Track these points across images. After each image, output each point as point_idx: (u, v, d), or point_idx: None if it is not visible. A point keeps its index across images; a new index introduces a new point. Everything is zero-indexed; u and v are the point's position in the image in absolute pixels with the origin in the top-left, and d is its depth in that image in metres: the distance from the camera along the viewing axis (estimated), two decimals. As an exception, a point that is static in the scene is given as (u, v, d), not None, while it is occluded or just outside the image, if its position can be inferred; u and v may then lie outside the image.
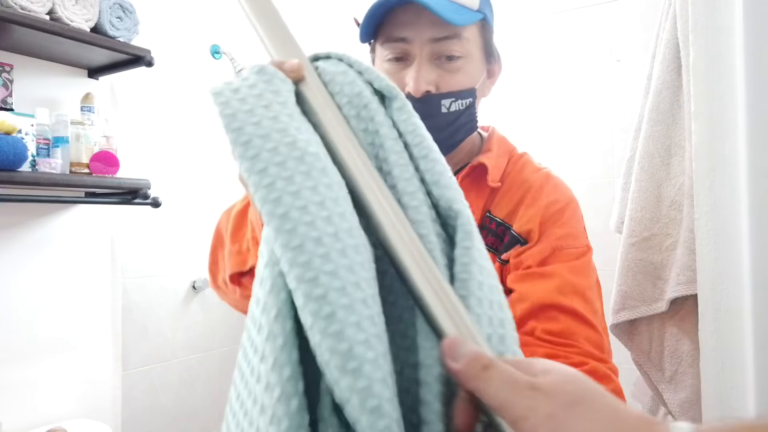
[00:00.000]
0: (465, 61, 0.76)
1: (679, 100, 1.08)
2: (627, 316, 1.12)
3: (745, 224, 0.62)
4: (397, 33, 0.75)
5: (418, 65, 0.74)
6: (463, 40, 0.74)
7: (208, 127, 2.30)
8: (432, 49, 0.74)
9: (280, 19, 0.53)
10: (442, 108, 0.75)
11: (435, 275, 0.38)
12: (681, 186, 1.07)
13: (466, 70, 0.77)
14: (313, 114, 0.45)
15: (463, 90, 0.76)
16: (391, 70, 0.77)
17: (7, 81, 1.54)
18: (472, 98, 0.79)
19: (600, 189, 1.96)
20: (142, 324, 1.99)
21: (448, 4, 0.72)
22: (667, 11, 1.11)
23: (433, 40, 0.73)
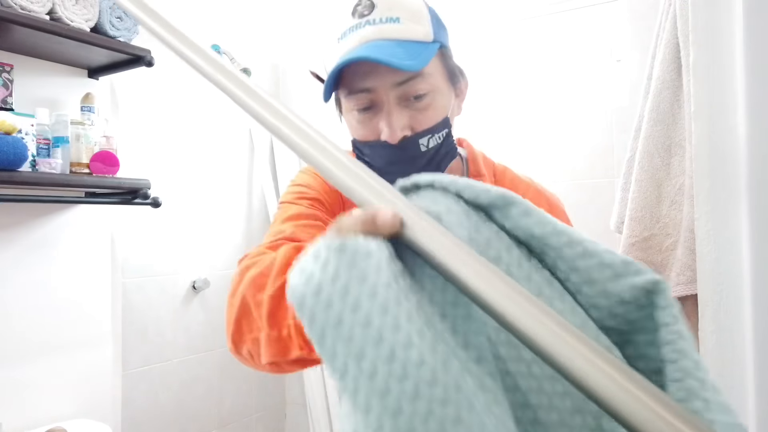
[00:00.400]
0: (432, 95, 0.76)
1: (680, 100, 1.08)
2: (627, 317, 1.12)
3: (745, 224, 0.62)
4: (359, 84, 0.74)
5: (388, 112, 0.74)
6: (426, 76, 0.74)
7: (208, 127, 2.30)
8: (397, 93, 0.73)
9: (354, 161, 0.46)
10: (421, 147, 0.76)
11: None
12: (681, 186, 1.07)
13: (435, 104, 0.76)
14: (432, 257, 0.38)
15: (437, 124, 0.77)
16: (361, 120, 0.77)
17: (7, 81, 1.54)
18: (447, 128, 0.79)
19: (600, 189, 1.96)
20: (142, 324, 1.99)
21: (401, 50, 0.71)
22: (667, 11, 1.11)
23: (397, 84, 0.73)
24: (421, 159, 0.77)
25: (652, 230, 1.11)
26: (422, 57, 0.73)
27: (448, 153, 0.81)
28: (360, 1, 0.76)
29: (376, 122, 0.75)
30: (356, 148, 0.82)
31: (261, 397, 2.49)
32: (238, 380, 2.38)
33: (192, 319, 2.18)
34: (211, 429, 2.24)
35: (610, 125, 1.95)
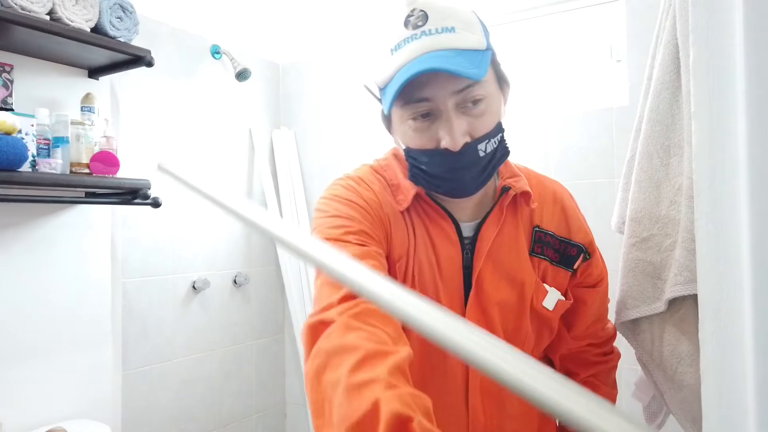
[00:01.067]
0: (488, 101, 0.77)
1: (679, 101, 1.08)
2: (629, 316, 1.12)
3: (745, 224, 0.62)
4: (417, 94, 0.75)
5: (448, 120, 0.75)
6: (483, 83, 0.76)
7: (208, 127, 2.30)
8: (456, 101, 0.75)
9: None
10: (479, 153, 0.78)
11: None
12: (680, 186, 1.07)
13: (491, 109, 0.79)
14: None
15: (493, 129, 0.79)
16: (420, 128, 0.78)
17: (7, 81, 1.54)
18: (501, 132, 0.82)
19: (600, 189, 1.96)
20: (142, 324, 1.99)
21: (461, 58, 0.73)
22: (667, 11, 1.11)
23: (456, 92, 0.74)
24: (480, 163, 0.79)
25: (651, 230, 1.11)
26: (483, 65, 0.74)
27: (502, 156, 0.84)
28: (412, 12, 0.75)
29: (435, 130, 0.77)
30: (411, 156, 0.82)
31: (261, 397, 2.49)
32: (238, 380, 2.38)
33: (192, 319, 2.18)
34: (211, 429, 2.24)
35: (610, 125, 1.95)
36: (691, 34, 0.73)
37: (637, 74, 1.89)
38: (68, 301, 1.72)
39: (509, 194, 0.87)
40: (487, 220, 0.87)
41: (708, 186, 0.70)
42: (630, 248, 1.13)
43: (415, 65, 0.72)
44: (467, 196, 0.83)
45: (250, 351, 2.44)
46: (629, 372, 1.89)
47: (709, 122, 0.70)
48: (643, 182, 1.11)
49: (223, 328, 2.31)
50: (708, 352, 0.71)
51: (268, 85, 2.63)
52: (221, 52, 2.34)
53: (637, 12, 1.91)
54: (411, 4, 0.75)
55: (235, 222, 2.40)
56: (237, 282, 2.37)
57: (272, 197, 2.52)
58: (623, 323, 1.15)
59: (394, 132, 0.85)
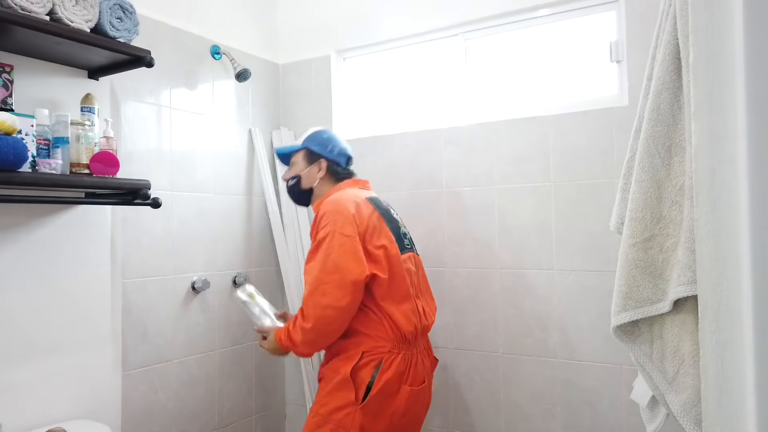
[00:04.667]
0: (294, 164, 1.94)
1: (680, 101, 1.08)
2: (628, 318, 1.12)
3: (745, 224, 0.62)
4: None
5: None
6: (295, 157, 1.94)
7: (207, 127, 2.30)
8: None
9: None
10: (288, 184, 1.95)
11: None
12: (681, 186, 1.07)
13: (294, 168, 1.93)
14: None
15: (292, 175, 1.93)
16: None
17: (7, 81, 1.54)
18: (297, 178, 1.91)
19: (600, 190, 1.96)
20: (142, 324, 1.99)
21: (282, 148, 2.00)
22: (667, 11, 1.11)
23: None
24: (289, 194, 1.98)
25: (653, 230, 1.11)
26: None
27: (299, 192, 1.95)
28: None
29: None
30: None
31: (261, 397, 2.49)
32: (238, 380, 2.38)
33: (192, 320, 2.18)
34: (211, 429, 2.24)
35: (610, 125, 1.95)
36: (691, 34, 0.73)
37: (637, 74, 1.89)
38: (68, 302, 1.72)
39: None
40: None
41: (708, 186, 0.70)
42: (630, 248, 1.13)
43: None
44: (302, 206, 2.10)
45: (250, 351, 2.44)
46: (630, 372, 1.89)
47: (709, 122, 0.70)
48: (644, 182, 1.11)
49: (223, 328, 2.31)
50: (708, 352, 0.71)
51: (268, 85, 2.63)
52: (221, 52, 2.34)
53: (637, 12, 1.91)
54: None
55: (235, 220, 2.40)
56: (237, 282, 2.37)
57: (272, 197, 2.52)
58: (620, 326, 1.15)
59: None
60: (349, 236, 1.63)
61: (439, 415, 2.26)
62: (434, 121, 2.34)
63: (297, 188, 1.90)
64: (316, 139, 1.90)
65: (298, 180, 1.89)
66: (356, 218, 1.67)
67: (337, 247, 1.62)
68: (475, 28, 2.26)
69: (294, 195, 1.93)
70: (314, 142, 1.89)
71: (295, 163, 1.91)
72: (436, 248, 2.27)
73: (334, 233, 1.64)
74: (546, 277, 2.06)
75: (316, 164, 1.87)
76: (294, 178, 1.90)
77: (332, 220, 1.66)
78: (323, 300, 1.60)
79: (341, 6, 2.55)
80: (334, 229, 1.64)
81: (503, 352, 2.14)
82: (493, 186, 2.16)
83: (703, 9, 0.68)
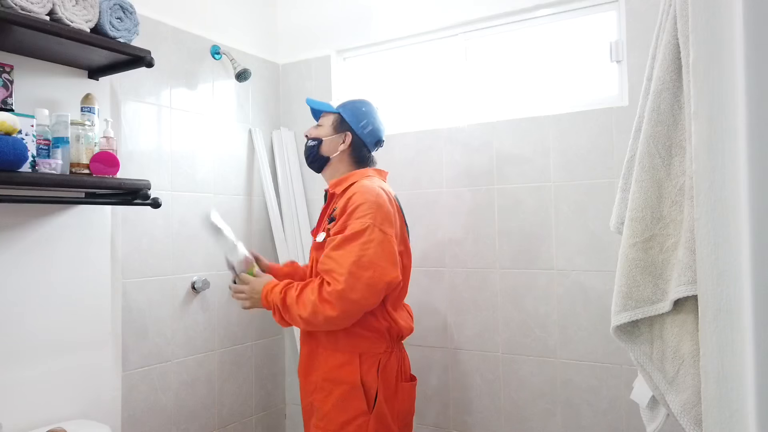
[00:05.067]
0: (320, 126, 1.80)
1: (680, 101, 1.08)
2: (628, 318, 1.12)
3: (745, 224, 0.62)
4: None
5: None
6: (324, 118, 1.81)
7: (207, 127, 2.30)
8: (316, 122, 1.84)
9: None
10: (307, 143, 1.81)
11: None
12: (681, 186, 1.07)
13: (320, 130, 1.79)
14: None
15: (314, 137, 1.79)
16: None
17: (7, 81, 1.54)
18: (316, 142, 1.77)
19: (600, 189, 1.96)
20: (142, 324, 1.99)
21: (315, 103, 1.84)
22: (667, 11, 1.11)
23: (320, 117, 1.83)
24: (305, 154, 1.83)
25: (653, 230, 1.10)
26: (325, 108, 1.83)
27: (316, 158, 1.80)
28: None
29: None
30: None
31: (261, 397, 2.49)
32: (238, 380, 2.38)
33: (192, 319, 2.18)
34: (211, 429, 2.24)
35: (610, 125, 1.95)
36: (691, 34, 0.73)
37: (637, 74, 1.89)
38: (68, 302, 1.72)
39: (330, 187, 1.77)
40: (328, 197, 1.78)
41: (708, 186, 0.70)
42: (630, 248, 1.13)
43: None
44: (313, 170, 1.85)
45: (250, 351, 2.44)
46: (630, 372, 1.89)
47: (709, 122, 0.70)
48: (645, 182, 1.11)
49: (223, 328, 2.31)
50: (708, 352, 0.71)
51: (268, 85, 2.63)
52: (221, 53, 2.34)
53: (637, 12, 1.91)
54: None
55: (235, 220, 2.40)
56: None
57: (272, 197, 2.52)
58: (620, 326, 1.15)
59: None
60: (388, 235, 1.54)
61: (439, 415, 2.26)
62: (434, 121, 2.34)
63: (315, 152, 1.75)
64: (352, 109, 1.75)
65: (318, 143, 1.74)
66: (394, 217, 1.60)
67: (375, 244, 1.51)
68: (476, 28, 2.26)
69: (309, 155, 1.78)
70: (350, 111, 1.75)
71: (322, 126, 1.76)
72: (436, 248, 2.27)
73: (374, 228, 1.52)
74: (546, 277, 2.06)
75: (342, 134, 1.73)
76: (315, 140, 1.76)
77: (373, 212, 1.54)
78: (352, 295, 1.47)
79: (341, 6, 2.55)
80: (374, 224, 1.53)
81: (503, 352, 2.14)
82: (493, 186, 2.16)
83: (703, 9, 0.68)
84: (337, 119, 1.75)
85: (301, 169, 2.63)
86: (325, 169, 1.77)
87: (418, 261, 2.29)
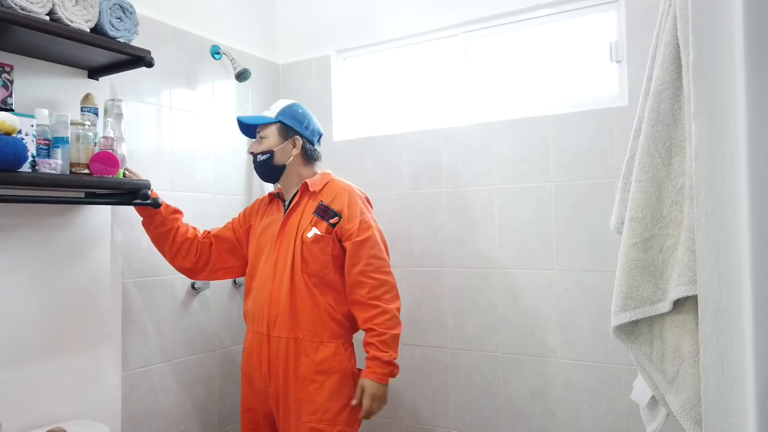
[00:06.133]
0: (265, 138, 1.84)
1: (680, 101, 1.08)
2: (628, 318, 1.12)
3: (745, 224, 0.62)
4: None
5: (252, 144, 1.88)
6: (266, 130, 1.84)
7: (207, 127, 2.30)
8: (257, 137, 1.88)
9: None
10: (257, 158, 1.83)
11: None
12: (681, 186, 1.07)
13: (266, 142, 1.83)
14: None
15: (263, 150, 1.82)
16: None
17: (7, 81, 1.54)
18: (269, 153, 1.81)
19: (600, 190, 1.96)
20: (142, 324, 1.99)
21: (248, 118, 1.89)
22: (667, 11, 1.11)
23: (257, 132, 1.87)
24: (257, 167, 1.86)
25: (653, 231, 1.10)
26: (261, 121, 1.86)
27: (270, 167, 1.84)
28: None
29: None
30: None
31: (261, 397, 2.49)
32: (238, 380, 2.37)
33: (192, 319, 2.18)
34: (211, 429, 2.24)
35: (610, 125, 1.95)
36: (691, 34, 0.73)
37: (637, 74, 1.89)
38: (68, 302, 1.72)
39: (302, 186, 1.81)
40: (293, 198, 1.82)
41: (708, 186, 0.70)
42: (630, 248, 1.13)
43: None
44: (268, 182, 2.03)
45: (250, 351, 2.44)
46: (630, 372, 1.89)
47: (709, 122, 0.70)
48: (645, 182, 1.11)
49: (223, 328, 2.31)
50: (708, 352, 0.71)
51: (268, 85, 2.63)
52: (221, 53, 2.34)
53: (637, 12, 1.91)
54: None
55: (235, 222, 2.40)
56: (237, 282, 2.37)
57: (272, 197, 2.52)
58: (620, 326, 1.15)
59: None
60: (379, 231, 1.80)
61: (439, 415, 2.26)
62: (434, 121, 2.34)
63: (270, 164, 1.80)
64: (291, 114, 1.82)
65: (270, 155, 1.79)
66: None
67: (379, 237, 1.77)
68: (475, 28, 2.26)
69: (265, 170, 1.82)
70: (289, 116, 1.81)
71: (267, 137, 1.81)
72: (436, 248, 2.27)
73: (372, 223, 1.77)
74: (546, 277, 2.06)
75: (290, 140, 1.81)
76: (266, 154, 1.80)
77: (366, 209, 1.79)
78: (393, 280, 1.75)
79: (341, 6, 2.55)
80: (370, 219, 1.77)
81: (503, 352, 2.14)
82: (493, 186, 2.16)
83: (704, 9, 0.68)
84: (280, 128, 1.81)
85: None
86: (282, 177, 1.84)
87: (418, 261, 2.29)
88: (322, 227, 1.73)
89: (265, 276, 1.78)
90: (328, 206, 1.75)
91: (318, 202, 1.77)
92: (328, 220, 1.73)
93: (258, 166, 1.83)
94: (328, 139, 2.50)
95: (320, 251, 1.72)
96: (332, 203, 1.76)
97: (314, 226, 1.73)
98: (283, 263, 1.75)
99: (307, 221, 1.75)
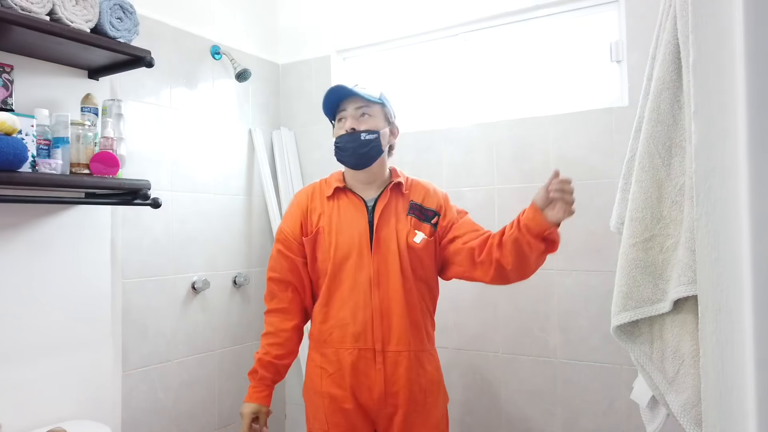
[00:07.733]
0: (371, 117, 1.58)
1: (680, 101, 1.08)
2: (628, 318, 1.12)
3: (745, 224, 0.62)
4: (340, 112, 1.61)
5: (350, 119, 1.58)
6: (371, 108, 1.59)
7: (208, 127, 2.30)
8: (355, 113, 1.58)
9: None
10: (362, 136, 1.55)
11: None
12: (681, 186, 1.07)
13: (373, 121, 1.58)
14: None
15: (370, 129, 1.56)
16: (337, 125, 1.61)
17: (7, 81, 1.54)
18: (377, 134, 1.56)
19: (600, 189, 1.95)
20: (142, 324, 1.99)
21: (361, 91, 1.59)
22: (667, 11, 1.11)
23: (357, 108, 1.59)
24: (360, 142, 1.56)
25: (653, 231, 1.10)
26: (372, 99, 1.60)
27: (377, 149, 1.57)
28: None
29: (342, 125, 1.60)
30: (334, 141, 1.62)
31: (261, 397, 2.49)
32: (238, 380, 2.37)
33: (192, 320, 2.18)
34: (211, 429, 2.24)
35: (610, 125, 1.95)
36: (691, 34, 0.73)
37: (637, 74, 1.89)
38: (68, 302, 1.72)
39: (392, 183, 1.61)
40: (380, 196, 1.60)
41: (708, 186, 0.70)
42: (630, 248, 1.13)
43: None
44: (357, 168, 1.58)
45: (250, 351, 2.44)
46: (629, 372, 1.89)
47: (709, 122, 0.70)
48: (645, 182, 1.11)
49: (223, 328, 2.31)
50: (708, 352, 0.71)
51: (268, 85, 2.63)
52: (221, 53, 2.34)
53: (637, 12, 1.91)
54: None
55: (235, 220, 2.40)
56: (237, 282, 2.37)
57: (272, 197, 2.52)
58: (620, 326, 1.15)
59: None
60: None
61: (439, 415, 2.25)
62: (434, 121, 2.34)
63: (375, 144, 1.54)
64: (389, 101, 1.65)
65: (377, 136, 1.55)
66: None
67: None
68: (476, 28, 2.26)
69: (366, 151, 1.54)
70: (389, 102, 1.64)
71: (373, 117, 1.57)
72: (436, 248, 2.27)
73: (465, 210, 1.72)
74: (546, 277, 2.05)
75: (390, 128, 1.62)
76: (374, 133, 1.54)
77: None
78: None
79: (341, 6, 2.55)
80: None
81: (503, 352, 2.14)
82: (493, 186, 2.16)
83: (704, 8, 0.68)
84: (383, 110, 1.61)
85: (301, 169, 2.63)
86: (373, 165, 1.58)
87: (418, 261, 2.29)
88: (425, 230, 1.57)
89: (360, 287, 1.54)
90: (422, 205, 1.60)
91: (408, 201, 1.60)
92: (429, 221, 1.58)
93: (363, 144, 1.53)
94: (329, 140, 2.50)
95: (428, 256, 1.57)
96: (424, 201, 1.60)
97: (417, 229, 1.56)
98: (386, 271, 1.53)
99: (405, 223, 1.57)
